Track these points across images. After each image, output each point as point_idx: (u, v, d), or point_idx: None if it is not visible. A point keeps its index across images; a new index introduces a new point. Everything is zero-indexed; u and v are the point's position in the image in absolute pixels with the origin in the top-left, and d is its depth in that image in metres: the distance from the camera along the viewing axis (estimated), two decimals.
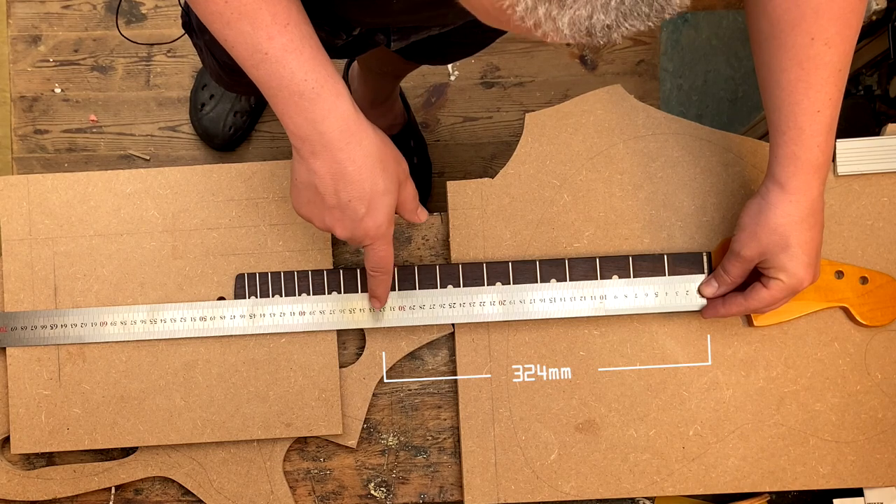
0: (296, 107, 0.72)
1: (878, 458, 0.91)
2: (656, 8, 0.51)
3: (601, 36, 0.52)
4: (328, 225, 0.77)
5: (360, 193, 0.74)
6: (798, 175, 0.80)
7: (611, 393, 0.91)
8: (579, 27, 0.51)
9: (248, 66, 0.73)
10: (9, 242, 0.91)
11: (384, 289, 0.85)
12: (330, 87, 0.72)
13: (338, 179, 0.74)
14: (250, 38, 0.71)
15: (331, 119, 0.72)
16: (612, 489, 0.91)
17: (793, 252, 0.81)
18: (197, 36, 1.18)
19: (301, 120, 0.73)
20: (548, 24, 0.51)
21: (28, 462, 0.94)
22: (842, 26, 0.76)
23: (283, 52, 0.71)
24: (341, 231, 0.77)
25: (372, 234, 0.77)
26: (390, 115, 1.54)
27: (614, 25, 0.51)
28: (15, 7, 1.65)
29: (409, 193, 0.79)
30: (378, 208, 0.76)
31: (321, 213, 0.77)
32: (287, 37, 0.71)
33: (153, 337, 0.90)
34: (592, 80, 1.67)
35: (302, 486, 0.94)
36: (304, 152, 0.74)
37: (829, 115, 0.78)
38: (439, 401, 0.94)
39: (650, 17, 0.51)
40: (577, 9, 0.50)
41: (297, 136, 0.74)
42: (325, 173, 0.74)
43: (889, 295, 0.90)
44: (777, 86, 0.79)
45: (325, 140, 0.73)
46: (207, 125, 1.59)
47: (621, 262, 0.90)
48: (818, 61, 0.77)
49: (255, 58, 0.72)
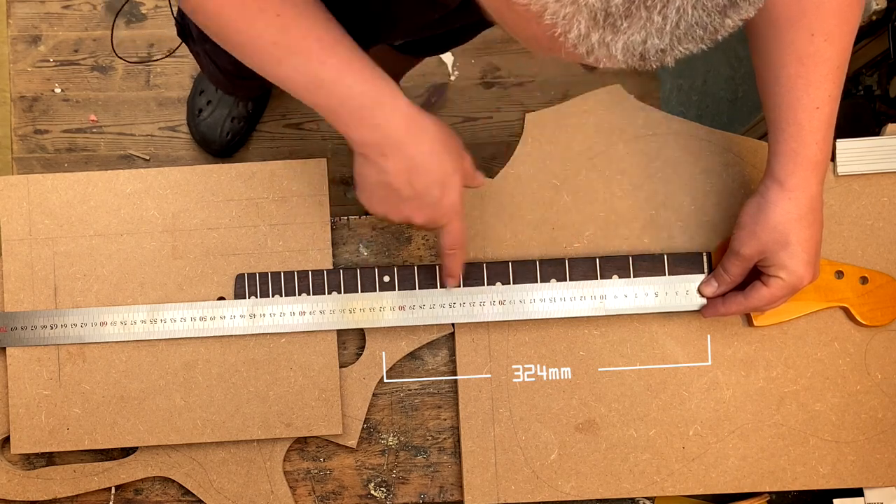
0: (360, 119, 0.75)
1: (878, 458, 0.91)
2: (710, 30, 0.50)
3: (654, 60, 0.51)
4: (406, 216, 0.79)
5: (433, 179, 0.77)
6: (797, 172, 0.80)
7: (611, 393, 0.91)
8: (633, 52, 0.50)
9: (304, 94, 0.75)
10: (9, 242, 0.91)
11: (460, 265, 0.86)
12: (387, 91, 0.75)
13: (411, 172, 0.76)
14: (304, 69, 0.73)
15: (395, 120, 0.75)
16: (612, 489, 0.91)
17: (792, 250, 0.81)
18: (196, 43, 1.18)
19: (366, 129, 0.75)
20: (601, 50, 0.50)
21: (28, 462, 0.94)
22: (841, 22, 0.76)
23: (337, 72, 0.73)
24: (420, 218, 0.79)
25: (449, 214, 0.80)
26: None
27: (668, 49, 0.50)
28: (15, 7, 1.65)
29: (468, 163, 0.82)
30: (451, 188, 0.78)
31: (398, 207, 0.79)
32: (337, 57, 0.73)
33: (153, 337, 0.90)
34: (592, 80, 1.67)
35: (302, 486, 0.94)
36: (374, 156, 0.76)
37: (828, 112, 0.78)
38: (439, 401, 0.94)
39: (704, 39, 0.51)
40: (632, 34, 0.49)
41: (365, 143, 0.76)
42: (398, 170, 0.76)
43: (889, 295, 0.90)
44: (776, 82, 0.79)
45: (393, 140, 0.75)
46: (205, 131, 1.59)
47: (621, 261, 0.90)
48: (818, 58, 0.77)
49: (311, 86, 0.74)
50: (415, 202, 0.78)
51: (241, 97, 1.56)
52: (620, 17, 0.48)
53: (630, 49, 0.50)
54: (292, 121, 1.65)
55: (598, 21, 0.48)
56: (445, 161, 0.77)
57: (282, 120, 1.65)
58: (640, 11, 0.48)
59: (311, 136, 1.66)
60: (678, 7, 0.48)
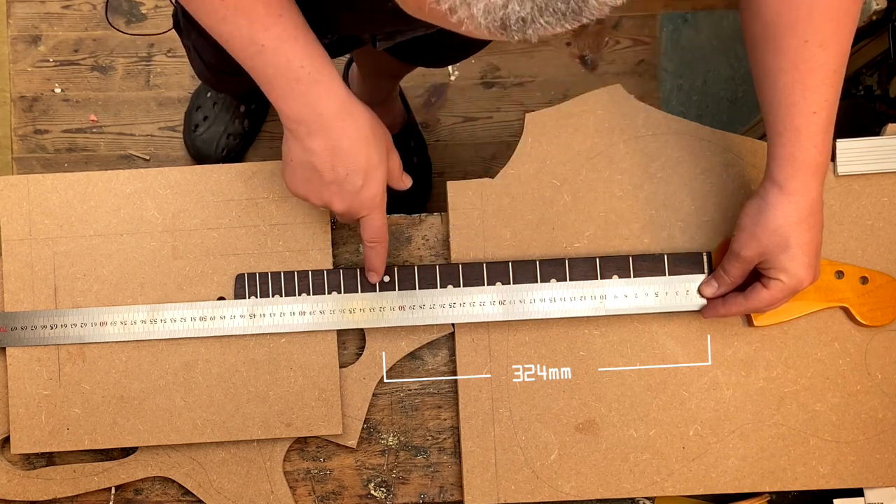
0: (293, 92, 0.75)
1: (878, 458, 0.91)
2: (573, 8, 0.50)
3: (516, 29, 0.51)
4: (326, 200, 0.80)
5: (356, 166, 0.78)
6: (797, 176, 0.80)
7: (611, 393, 0.91)
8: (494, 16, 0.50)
9: (244, 57, 0.75)
10: (9, 242, 0.91)
11: (381, 260, 0.87)
12: (325, 71, 0.76)
13: (335, 155, 0.77)
14: (246, 32, 0.74)
15: (327, 100, 0.76)
16: (612, 489, 0.91)
17: (793, 253, 0.81)
18: (185, 36, 1.18)
19: (298, 104, 0.76)
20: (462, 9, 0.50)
21: (28, 462, 0.94)
22: (836, 28, 0.76)
23: (279, 41, 0.74)
24: (339, 205, 0.80)
25: (368, 205, 0.80)
26: (390, 115, 1.54)
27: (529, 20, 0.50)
28: (15, 7, 1.65)
29: (395, 162, 0.83)
30: (373, 179, 0.79)
31: (319, 190, 0.80)
32: (281, 26, 0.74)
33: (153, 337, 0.90)
34: (592, 80, 1.67)
35: (302, 486, 0.94)
36: (301, 133, 0.77)
37: (825, 116, 0.78)
38: (439, 401, 0.94)
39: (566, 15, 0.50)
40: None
41: (293, 119, 0.77)
42: (322, 151, 0.77)
43: (889, 295, 0.90)
44: (773, 88, 0.79)
45: (323, 120, 0.76)
46: (200, 146, 1.59)
47: (621, 261, 0.90)
48: (813, 63, 0.76)
49: (250, 50, 0.74)
50: (335, 187, 0.79)
51: (225, 93, 1.56)
52: None
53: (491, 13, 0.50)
54: None
55: None
56: (371, 151, 0.78)
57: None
58: None
59: None
60: None
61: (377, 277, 0.89)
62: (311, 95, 0.76)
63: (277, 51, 0.74)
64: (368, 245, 0.85)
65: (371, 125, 0.79)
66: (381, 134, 0.80)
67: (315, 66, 0.75)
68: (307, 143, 0.77)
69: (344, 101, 0.77)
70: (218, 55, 1.19)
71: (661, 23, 1.67)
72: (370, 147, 0.78)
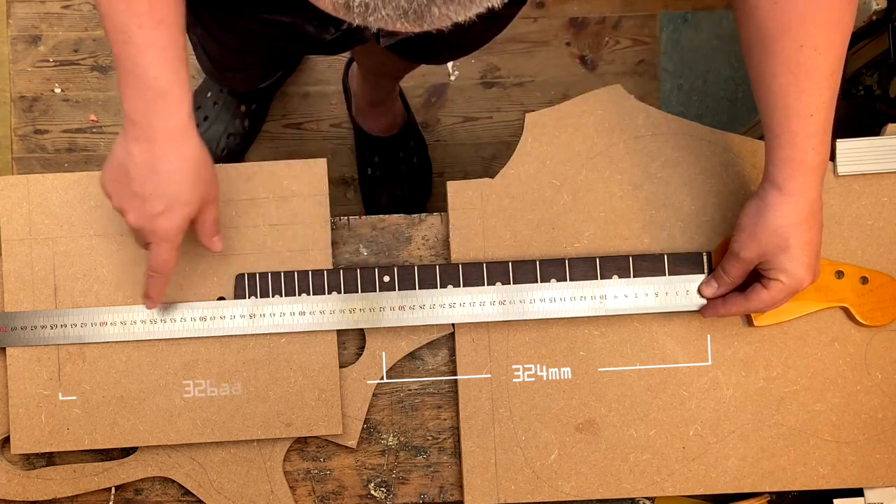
0: (139, 95, 0.76)
1: (878, 458, 0.91)
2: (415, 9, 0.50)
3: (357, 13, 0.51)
4: (123, 208, 0.80)
5: (163, 192, 0.78)
6: (795, 177, 0.79)
7: (611, 393, 0.91)
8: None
9: (112, 39, 0.76)
10: (9, 242, 0.91)
11: (158, 291, 0.86)
12: (176, 93, 0.76)
13: (149, 171, 0.77)
14: (121, 17, 0.74)
15: (165, 119, 0.76)
16: (612, 489, 0.91)
17: (792, 253, 0.81)
18: (191, 31, 1.18)
19: (139, 105, 0.76)
20: None
21: (28, 462, 0.94)
22: (830, 31, 0.76)
23: (147, 44, 0.74)
24: (133, 219, 0.80)
25: (160, 235, 0.80)
26: (390, 114, 1.54)
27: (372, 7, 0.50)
28: (15, 7, 1.65)
29: (209, 217, 0.83)
30: (174, 213, 0.79)
31: (122, 195, 0.79)
32: (156, 32, 0.74)
33: (153, 337, 0.90)
34: (592, 80, 1.66)
35: (302, 486, 0.94)
36: (130, 135, 0.77)
37: (822, 118, 0.78)
38: (439, 401, 0.94)
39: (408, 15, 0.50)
40: None
41: (129, 118, 0.77)
42: (140, 161, 0.77)
43: (889, 295, 0.90)
44: (769, 91, 0.79)
45: (154, 134, 0.76)
46: None
47: (621, 261, 0.90)
48: (808, 66, 0.76)
49: (119, 36, 0.75)
50: (137, 202, 0.79)
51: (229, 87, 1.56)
52: None
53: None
54: (292, 121, 1.65)
55: None
56: (185, 187, 0.78)
57: (282, 120, 1.65)
58: None
59: (311, 136, 1.66)
60: None
61: (152, 305, 0.88)
62: (154, 106, 0.76)
63: (141, 51, 0.74)
64: (149, 273, 0.84)
65: (198, 164, 0.79)
66: (205, 180, 0.80)
67: (170, 83, 0.76)
68: (131, 146, 0.77)
69: (181, 129, 0.77)
70: (222, 51, 1.19)
71: (661, 23, 1.67)
72: (186, 182, 0.78)
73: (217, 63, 1.25)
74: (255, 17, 1.03)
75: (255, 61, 1.31)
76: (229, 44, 1.12)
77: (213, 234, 0.84)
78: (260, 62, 1.35)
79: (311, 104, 1.66)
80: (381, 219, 0.94)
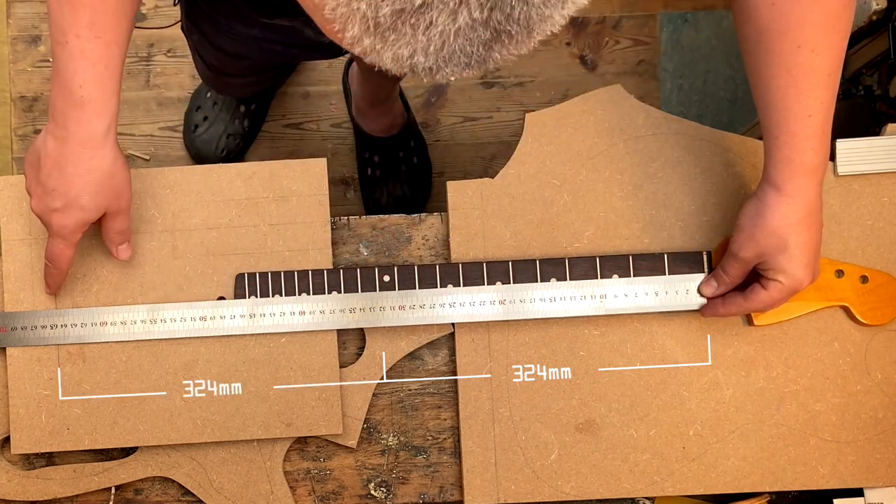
0: (62, 96, 0.79)
1: (878, 458, 0.91)
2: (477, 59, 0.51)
3: (423, 75, 0.53)
4: (30, 191, 0.83)
5: (63, 191, 0.80)
6: (794, 178, 0.79)
7: (611, 393, 0.91)
8: (401, 64, 0.52)
9: (52, 36, 0.78)
10: (9, 242, 0.91)
11: (53, 281, 0.88)
12: (95, 105, 0.79)
13: (55, 167, 0.80)
14: (63, 21, 0.76)
15: (80, 126, 0.79)
16: (612, 489, 0.91)
17: (791, 253, 0.81)
18: (188, 37, 1.18)
19: (62, 106, 0.79)
20: (373, 55, 0.52)
21: (28, 462, 0.94)
22: (828, 33, 0.76)
23: (80, 53, 0.77)
24: (35, 206, 0.83)
25: (54, 230, 0.83)
26: (390, 114, 1.55)
27: (435, 68, 0.52)
28: (15, 7, 1.65)
29: (115, 226, 0.85)
30: (69, 215, 0.81)
31: (33, 179, 0.82)
32: (91, 45, 0.77)
33: (153, 337, 0.90)
34: (592, 80, 1.67)
35: (302, 486, 0.94)
36: (50, 127, 0.80)
37: (821, 119, 0.78)
38: (439, 401, 0.94)
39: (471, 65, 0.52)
40: (399, 48, 0.50)
41: (52, 113, 0.80)
42: (51, 154, 0.80)
43: (889, 294, 0.90)
44: (767, 92, 0.79)
45: (66, 135, 0.79)
46: (200, 147, 1.59)
47: (621, 261, 0.90)
48: (806, 67, 0.76)
49: (59, 38, 0.77)
50: (40, 190, 0.82)
51: (228, 95, 1.56)
52: (388, 29, 0.49)
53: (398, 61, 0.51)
54: (292, 121, 1.65)
55: (370, 28, 0.49)
56: (85, 193, 0.81)
57: (282, 120, 1.65)
58: (405, 27, 0.49)
59: (311, 136, 1.66)
60: (441, 31, 0.49)
61: (50, 292, 0.90)
62: (71, 112, 0.78)
63: (73, 58, 0.77)
64: (46, 262, 0.86)
65: (105, 177, 0.81)
66: (115, 190, 0.82)
67: (93, 96, 0.78)
68: (47, 138, 0.80)
69: (94, 141, 0.79)
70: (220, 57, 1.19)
71: (661, 23, 1.67)
72: (87, 189, 0.80)
73: (214, 69, 1.26)
74: (254, 22, 1.03)
75: (252, 67, 1.32)
76: (227, 49, 1.12)
77: (119, 243, 0.87)
78: (257, 68, 1.35)
79: (311, 104, 1.66)
80: (381, 219, 0.94)
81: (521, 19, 0.49)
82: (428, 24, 0.48)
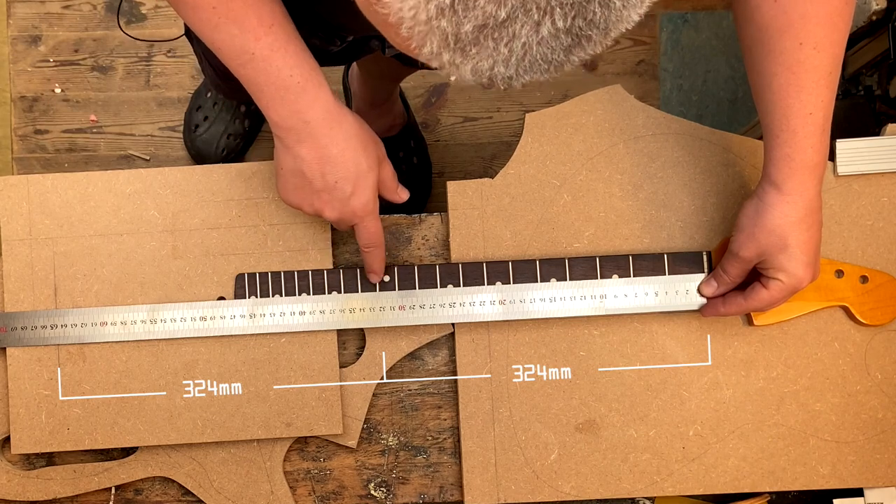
0: (281, 100, 0.77)
1: (878, 458, 0.91)
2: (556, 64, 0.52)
3: (502, 84, 0.54)
4: (317, 208, 0.81)
5: (345, 174, 0.79)
6: (794, 176, 0.80)
7: (611, 393, 0.91)
8: (481, 76, 0.52)
9: (235, 65, 0.77)
10: (9, 242, 0.91)
11: (380, 262, 0.88)
12: (313, 80, 0.77)
13: (324, 163, 0.78)
14: (238, 41, 0.75)
15: (314, 108, 0.77)
16: (612, 489, 0.91)
17: (791, 252, 0.81)
18: (195, 43, 1.18)
19: (286, 112, 0.77)
20: (451, 69, 0.53)
21: (28, 462, 0.94)
22: (830, 30, 0.76)
23: (270, 51, 0.76)
24: (330, 213, 0.81)
25: (360, 213, 0.81)
26: (390, 115, 1.54)
27: (515, 76, 0.53)
28: (15, 7, 1.65)
29: (388, 172, 0.84)
30: (363, 186, 0.80)
31: (310, 198, 0.81)
32: (272, 37, 0.75)
33: (153, 337, 0.90)
34: (592, 80, 1.67)
35: (302, 486, 0.94)
36: (290, 141, 0.78)
37: (821, 117, 0.78)
38: (439, 401, 0.94)
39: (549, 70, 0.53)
40: (480, 60, 0.51)
41: (282, 126, 0.78)
42: (311, 158, 0.78)
43: (889, 294, 0.90)
44: (768, 89, 0.79)
45: (310, 128, 0.77)
46: (200, 147, 1.59)
47: (621, 261, 0.90)
48: (807, 65, 0.76)
49: (242, 58, 0.76)
50: (325, 195, 0.80)
51: (239, 100, 1.56)
52: (469, 43, 0.50)
53: (478, 73, 0.52)
54: None
55: (449, 44, 0.50)
56: (360, 158, 0.79)
57: None
58: (487, 41, 0.50)
59: None
60: (524, 43, 0.50)
61: (377, 278, 0.89)
62: (299, 104, 0.77)
63: (267, 60, 0.76)
64: (365, 250, 0.86)
65: (360, 133, 0.80)
66: (372, 142, 0.81)
67: (303, 75, 0.77)
68: (296, 150, 0.78)
69: (332, 109, 0.78)
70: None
71: (661, 23, 1.67)
72: (359, 154, 0.79)
73: (222, 74, 1.26)
74: None
75: None
76: None
77: (396, 188, 0.85)
78: None
79: None
80: (381, 219, 0.94)
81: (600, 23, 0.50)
82: (511, 37, 0.49)
